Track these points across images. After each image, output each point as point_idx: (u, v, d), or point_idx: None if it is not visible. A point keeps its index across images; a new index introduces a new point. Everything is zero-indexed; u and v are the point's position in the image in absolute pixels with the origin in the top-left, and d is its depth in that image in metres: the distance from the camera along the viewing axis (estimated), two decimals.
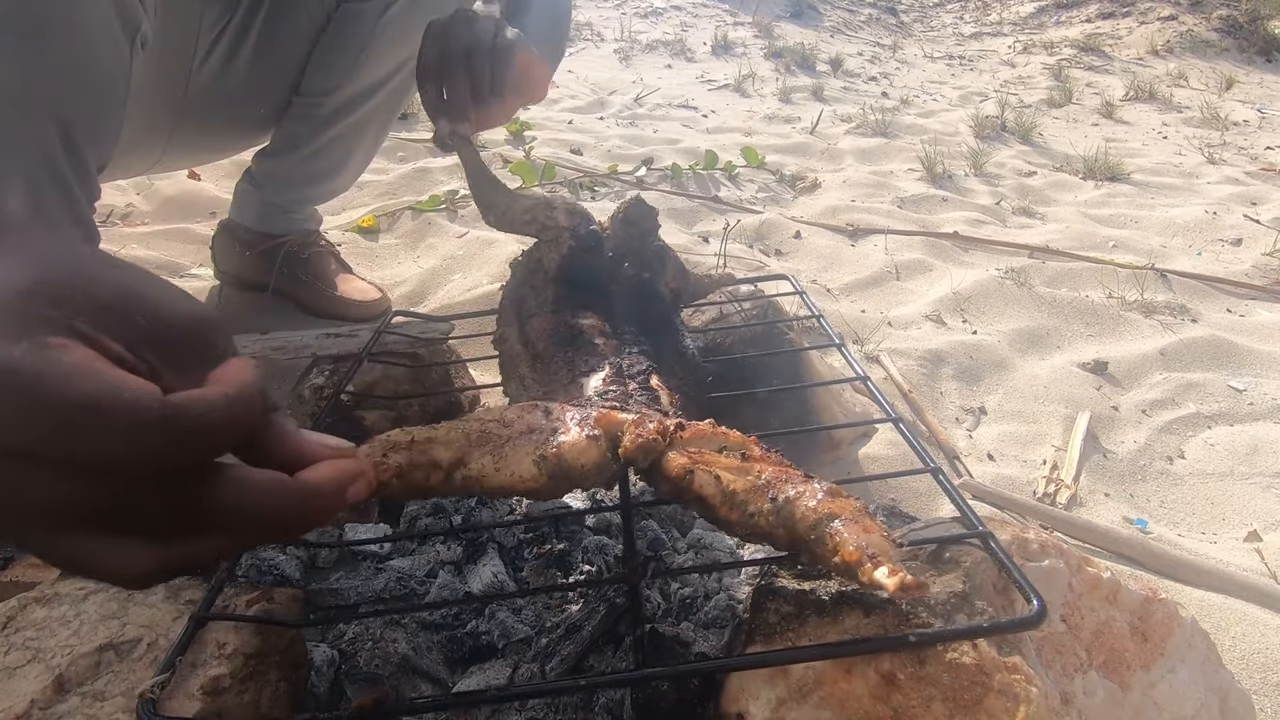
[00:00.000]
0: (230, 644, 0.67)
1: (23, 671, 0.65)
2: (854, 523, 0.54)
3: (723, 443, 0.65)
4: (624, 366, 0.82)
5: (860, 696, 0.58)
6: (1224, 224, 2.51)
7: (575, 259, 0.95)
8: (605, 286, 0.95)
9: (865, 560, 0.50)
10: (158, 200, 2.16)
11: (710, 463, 0.62)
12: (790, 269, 2.02)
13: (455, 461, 0.59)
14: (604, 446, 0.62)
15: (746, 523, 0.58)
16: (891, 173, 2.96)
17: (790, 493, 0.58)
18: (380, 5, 1.33)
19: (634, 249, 0.99)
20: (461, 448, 0.60)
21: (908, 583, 0.48)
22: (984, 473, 1.30)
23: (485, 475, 0.60)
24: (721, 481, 0.60)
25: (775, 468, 0.62)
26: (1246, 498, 1.30)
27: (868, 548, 0.51)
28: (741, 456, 0.63)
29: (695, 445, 0.64)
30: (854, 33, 6.33)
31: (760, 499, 0.58)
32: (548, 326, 0.88)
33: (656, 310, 0.96)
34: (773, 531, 0.58)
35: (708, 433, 0.65)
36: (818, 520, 0.55)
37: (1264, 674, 0.96)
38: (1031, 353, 1.71)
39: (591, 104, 3.68)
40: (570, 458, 0.61)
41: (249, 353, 1.22)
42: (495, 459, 0.60)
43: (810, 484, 0.59)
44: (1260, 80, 5.16)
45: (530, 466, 0.60)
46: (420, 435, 0.60)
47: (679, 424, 0.65)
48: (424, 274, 1.88)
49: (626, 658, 0.79)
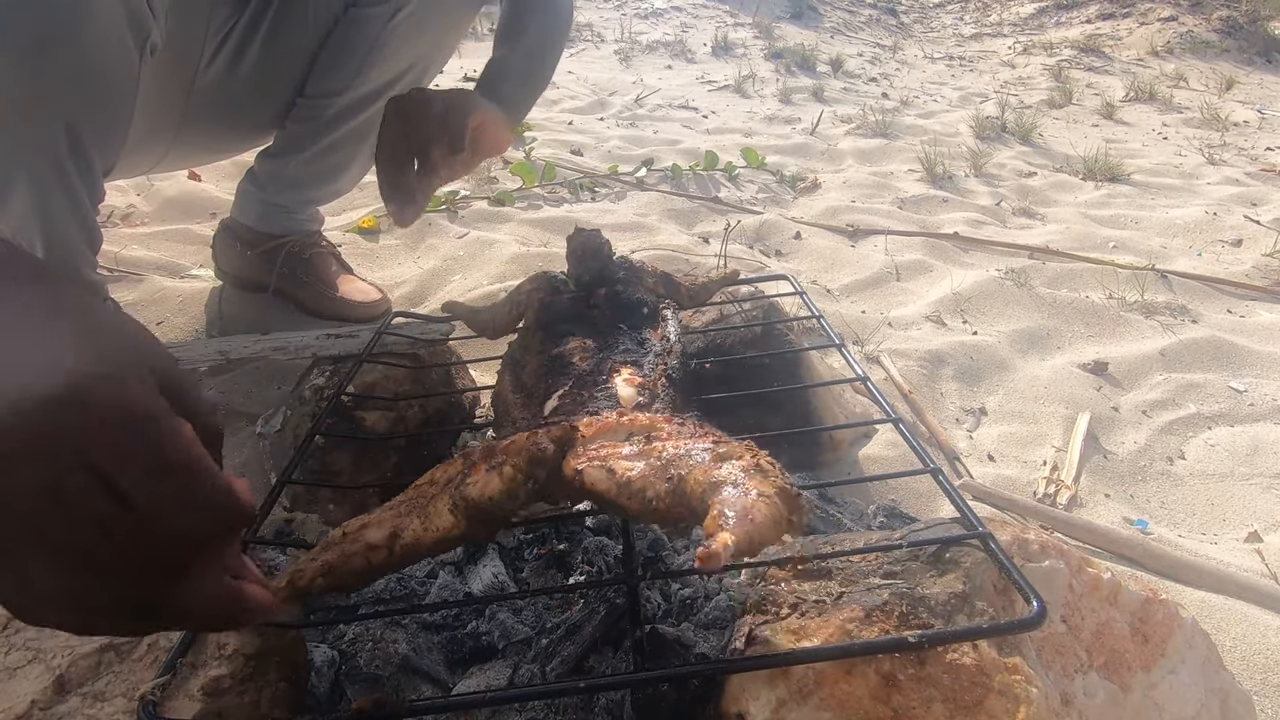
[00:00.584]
0: (230, 645, 0.67)
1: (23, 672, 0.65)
2: (736, 486, 0.52)
3: (629, 430, 0.64)
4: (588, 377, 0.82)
5: (860, 697, 0.58)
6: (1224, 225, 2.51)
7: (549, 306, 1.00)
8: (585, 314, 0.98)
9: (716, 529, 0.48)
10: (158, 201, 2.16)
11: (609, 456, 0.61)
12: (790, 270, 2.02)
13: (390, 536, 0.61)
14: (508, 473, 0.61)
15: (648, 509, 0.57)
16: (892, 173, 2.96)
17: (683, 470, 0.56)
18: (388, 10, 1.33)
19: (595, 272, 1.03)
20: (392, 522, 0.62)
21: (708, 552, 0.45)
22: (984, 473, 1.30)
23: (419, 538, 0.61)
24: (615, 473, 0.59)
25: (678, 442, 0.60)
26: (1247, 498, 1.30)
27: (727, 508, 0.49)
28: (646, 440, 0.62)
29: (599, 440, 0.63)
30: (854, 33, 6.34)
31: (657, 481, 0.57)
32: (536, 367, 0.90)
33: (644, 310, 0.99)
34: (674, 512, 0.56)
35: (612, 425, 0.64)
36: (703, 493, 0.53)
37: (1265, 675, 0.96)
38: (1032, 353, 1.71)
39: (592, 104, 3.68)
40: (475, 495, 0.60)
41: (249, 352, 1.22)
42: (422, 520, 0.61)
43: (706, 454, 0.57)
44: (1260, 81, 5.16)
45: (448, 516, 0.61)
46: (353, 525, 0.62)
47: (573, 426, 0.64)
48: (424, 275, 1.88)
49: (627, 659, 0.79)
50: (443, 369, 1.23)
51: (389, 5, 1.33)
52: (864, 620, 0.62)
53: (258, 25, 1.31)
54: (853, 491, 1.16)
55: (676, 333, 0.94)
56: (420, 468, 1.13)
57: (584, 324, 0.96)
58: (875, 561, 0.68)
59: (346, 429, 1.08)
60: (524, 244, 2.05)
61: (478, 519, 0.61)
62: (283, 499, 1.09)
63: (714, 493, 0.52)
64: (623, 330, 0.93)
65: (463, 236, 2.08)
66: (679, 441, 0.61)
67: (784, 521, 0.51)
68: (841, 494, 1.13)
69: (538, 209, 2.36)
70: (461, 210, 2.25)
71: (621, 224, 2.25)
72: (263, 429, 1.23)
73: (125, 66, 0.94)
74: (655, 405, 0.78)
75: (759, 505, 0.50)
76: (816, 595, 0.65)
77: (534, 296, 1.03)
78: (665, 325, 0.95)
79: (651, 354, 0.88)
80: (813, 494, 1.08)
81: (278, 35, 1.33)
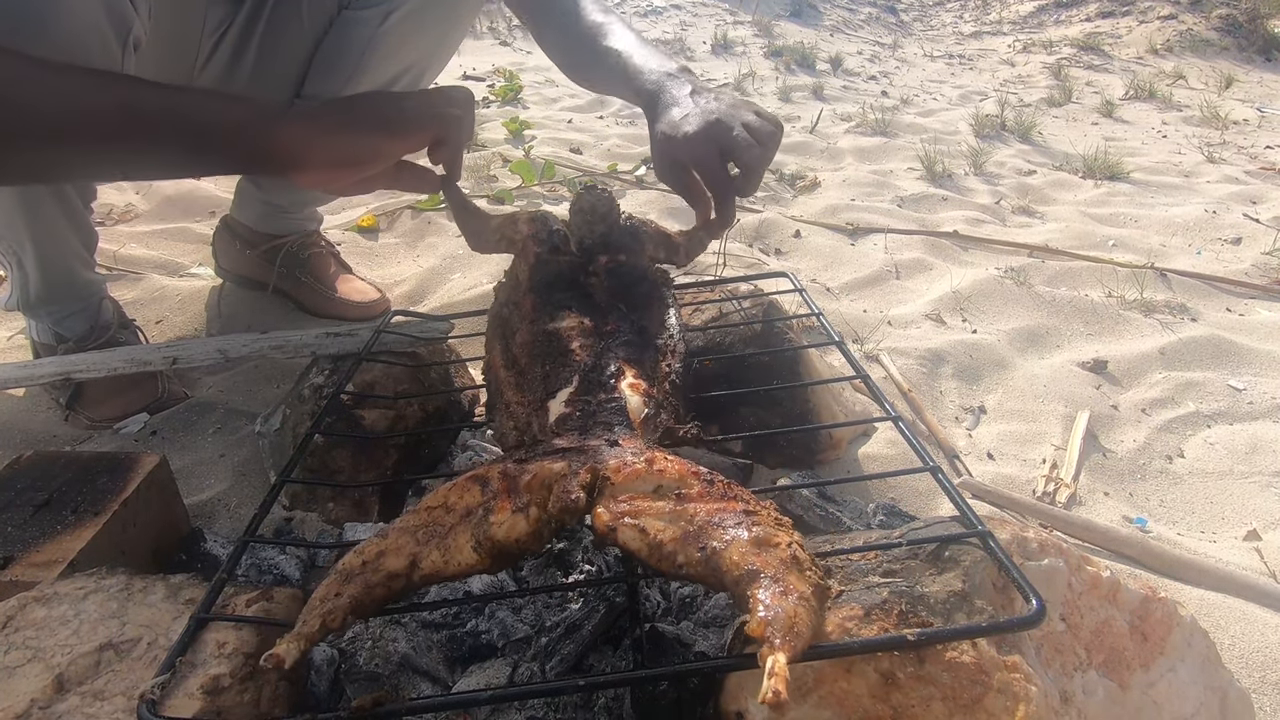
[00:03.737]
0: (230, 643, 0.67)
1: (23, 671, 0.65)
2: (776, 582, 0.54)
3: (658, 482, 0.64)
4: (592, 376, 0.81)
5: (860, 695, 0.58)
6: (1223, 223, 2.51)
7: (544, 265, 0.96)
8: (582, 282, 0.94)
9: (764, 642, 0.50)
10: (157, 199, 2.16)
11: (639, 511, 0.61)
12: (790, 268, 2.02)
13: (409, 566, 0.62)
14: (535, 515, 0.62)
15: (678, 573, 0.58)
16: (891, 172, 2.96)
17: (717, 543, 0.57)
18: (380, 13, 1.32)
19: (600, 236, 0.98)
20: (411, 550, 0.63)
21: (775, 700, 0.46)
22: (983, 472, 1.30)
23: (439, 570, 0.62)
24: (648, 534, 0.59)
25: (710, 505, 0.61)
26: (1246, 497, 1.30)
27: (773, 625, 0.51)
28: (677, 495, 0.62)
29: (627, 490, 0.63)
30: (854, 32, 6.33)
31: (690, 549, 0.58)
32: (528, 339, 0.88)
33: (643, 288, 0.96)
34: (705, 579, 0.57)
35: (641, 473, 0.64)
36: (740, 577, 0.55)
37: (1263, 672, 0.96)
38: (1031, 352, 1.71)
39: (591, 103, 3.68)
40: (501, 537, 0.62)
41: (248, 351, 1.22)
42: (442, 553, 0.62)
43: (740, 527, 0.58)
44: (1260, 79, 5.16)
45: (470, 554, 0.62)
46: (370, 552, 0.63)
47: (604, 476, 0.64)
48: (423, 273, 1.88)
49: (626, 657, 0.79)
50: (442, 367, 1.22)
51: (382, 7, 1.32)
52: (863, 618, 0.62)
53: (254, 26, 1.30)
54: (852, 490, 1.16)
55: (678, 324, 0.93)
56: (420, 467, 1.14)
57: (580, 295, 0.93)
58: (875, 560, 0.68)
59: (346, 428, 1.08)
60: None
61: (500, 557, 0.63)
62: (282, 497, 1.09)
63: (751, 583, 0.54)
64: (621, 312, 0.91)
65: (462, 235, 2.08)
66: (710, 505, 0.61)
67: (821, 623, 0.54)
68: (841, 492, 1.13)
69: (537, 207, 2.35)
70: None
71: None
72: (262, 428, 1.23)
73: (106, 61, 0.93)
74: (661, 416, 0.78)
75: (801, 614, 0.52)
76: None
77: (529, 245, 0.98)
78: (666, 314, 0.94)
79: (652, 349, 0.88)
80: (812, 492, 1.08)
81: (274, 35, 1.32)
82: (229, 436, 1.27)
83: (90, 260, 1.29)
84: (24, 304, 1.25)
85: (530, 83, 3.86)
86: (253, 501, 1.13)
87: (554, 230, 0.99)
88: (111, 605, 0.71)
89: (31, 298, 1.23)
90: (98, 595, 0.72)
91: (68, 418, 1.31)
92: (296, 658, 0.56)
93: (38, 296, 1.23)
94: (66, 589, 0.73)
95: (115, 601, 0.71)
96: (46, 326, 1.28)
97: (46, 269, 1.21)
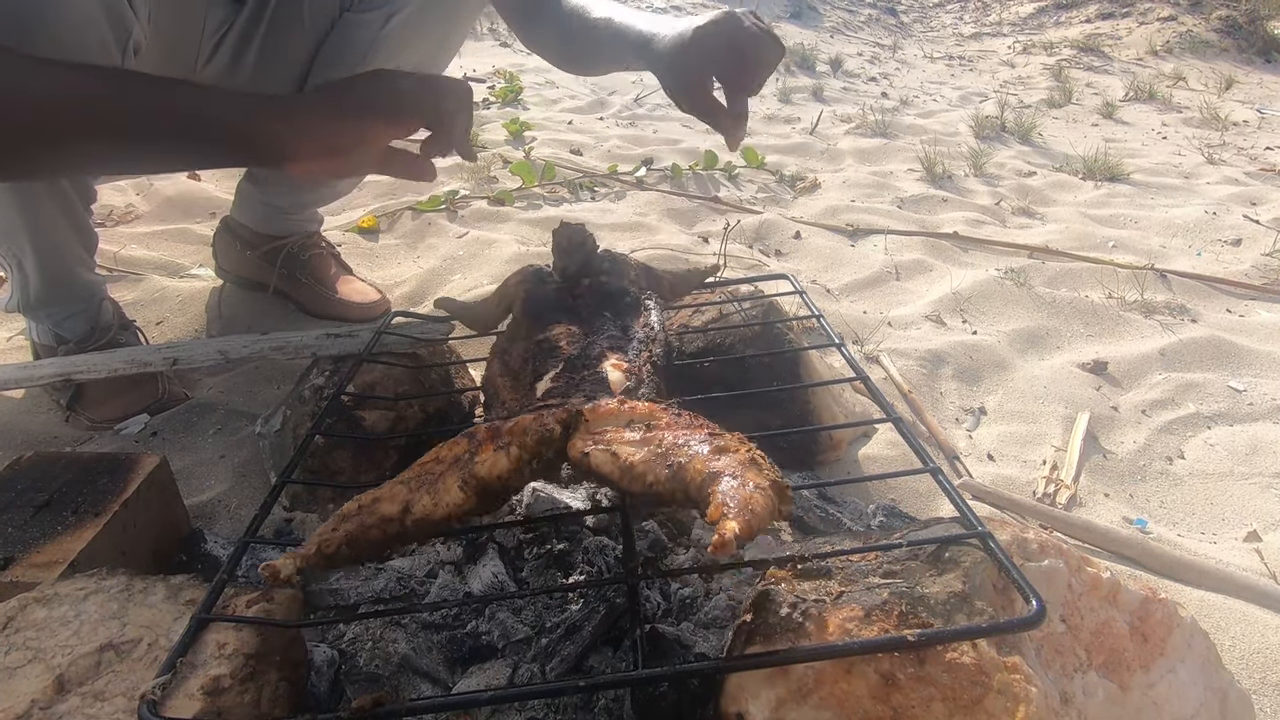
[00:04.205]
0: (230, 644, 0.67)
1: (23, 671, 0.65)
2: (734, 478, 0.57)
3: (630, 417, 0.69)
4: (577, 361, 0.86)
5: (860, 696, 0.58)
6: (1223, 224, 2.51)
7: (534, 296, 1.03)
8: (569, 304, 1.01)
9: (721, 519, 0.53)
10: (157, 200, 2.16)
11: (612, 440, 0.66)
12: (790, 269, 2.02)
13: (403, 510, 0.66)
14: (515, 453, 0.68)
15: (648, 492, 0.62)
16: (891, 173, 2.96)
17: (683, 459, 0.62)
18: (382, 16, 1.32)
19: (580, 263, 1.04)
20: (404, 496, 0.67)
21: (722, 541, 0.50)
22: (983, 473, 1.31)
23: (429, 513, 0.66)
24: (619, 457, 0.64)
25: (676, 432, 0.65)
26: (1246, 498, 1.30)
27: (729, 503, 0.54)
28: (647, 427, 0.67)
29: (602, 425, 0.68)
30: (854, 33, 6.34)
31: (658, 468, 0.62)
32: (524, 351, 0.93)
33: (626, 300, 1.01)
34: (674, 494, 0.61)
35: (615, 411, 0.70)
36: (703, 482, 0.59)
37: (1264, 674, 0.96)
38: (1031, 353, 1.71)
39: (591, 104, 3.68)
40: (484, 473, 0.67)
41: (249, 352, 1.22)
42: (432, 496, 0.67)
43: (704, 445, 0.62)
44: (1260, 80, 5.16)
45: (457, 493, 0.66)
46: (366, 499, 0.68)
47: (578, 411, 0.69)
48: (424, 274, 1.88)
49: (626, 658, 0.79)
50: (442, 368, 1.23)
51: (384, 10, 1.32)
52: (863, 619, 0.62)
53: (255, 26, 1.30)
54: (852, 491, 1.16)
55: (659, 321, 0.96)
56: None
57: (569, 313, 0.97)
58: (875, 561, 0.68)
59: (346, 429, 1.08)
60: (524, 243, 2.05)
61: (485, 495, 0.67)
62: (282, 498, 1.09)
63: (712, 482, 0.58)
64: (607, 318, 0.94)
65: (462, 236, 2.09)
66: (677, 431, 0.66)
67: (776, 511, 0.57)
68: (841, 493, 1.13)
69: (537, 208, 2.36)
70: (461, 210, 2.25)
71: (621, 223, 2.25)
72: (262, 429, 1.23)
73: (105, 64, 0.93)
74: (641, 390, 0.80)
75: (756, 497, 0.55)
76: (816, 595, 0.65)
77: (520, 289, 1.05)
78: (648, 314, 0.97)
79: (635, 340, 0.90)
80: (812, 493, 1.08)
81: (275, 37, 1.32)
82: (229, 437, 1.27)
83: (90, 261, 1.29)
84: (24, 305, 1.25)
85: (530, 84, 3.86)
86: (253, 502, 1.13)
87: (540, 269, 1.08)
88: (112, 606, 0.71)
89: (32, 299, 1.24)
90: (98, 596, 0.72)
91: (68, 419, 1.31)
92: (291, 573, 0.62)
93: (38, 298, 1.24)
94: (67, 590, 0.73)
95: (116, 602, 0.71)
96: (47, 328, 1.29)
97: (46, 270, 1.21)
